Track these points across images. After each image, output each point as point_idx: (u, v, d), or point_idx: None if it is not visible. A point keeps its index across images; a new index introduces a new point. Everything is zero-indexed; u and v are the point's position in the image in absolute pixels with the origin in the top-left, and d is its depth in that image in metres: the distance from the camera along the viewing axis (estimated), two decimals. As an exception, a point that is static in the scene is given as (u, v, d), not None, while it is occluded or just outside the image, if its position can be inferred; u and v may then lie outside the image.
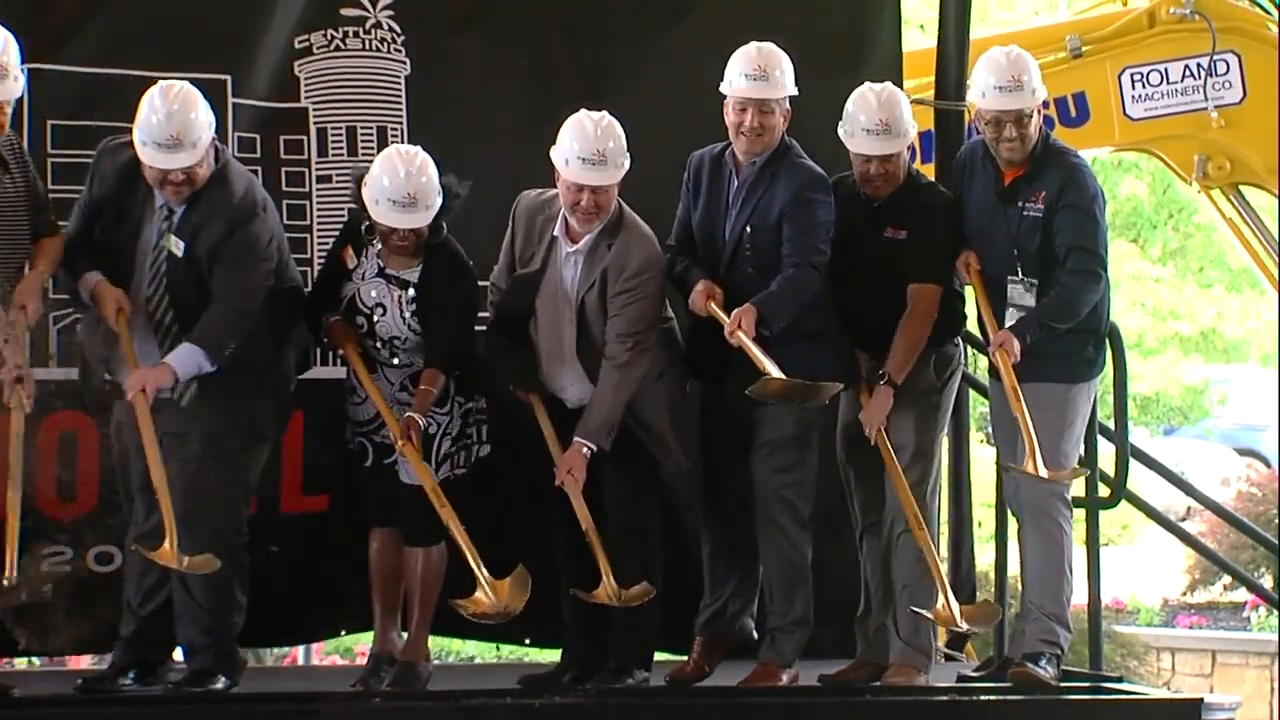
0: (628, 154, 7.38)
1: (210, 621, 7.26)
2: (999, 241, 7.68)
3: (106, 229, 7.22)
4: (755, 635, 7.74)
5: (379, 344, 7.40)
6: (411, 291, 7.36)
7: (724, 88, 7.58)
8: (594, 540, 7.29)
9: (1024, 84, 7.60)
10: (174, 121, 7.04)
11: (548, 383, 7.53)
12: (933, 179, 8.19)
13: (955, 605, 7.55)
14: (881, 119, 7.64)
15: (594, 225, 7.40)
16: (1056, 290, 7.60)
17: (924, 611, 7.59)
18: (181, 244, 7.16)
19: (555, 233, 7.45)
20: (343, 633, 8.48)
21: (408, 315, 7.36)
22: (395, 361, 7.41)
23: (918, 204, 7.76)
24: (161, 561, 7.02)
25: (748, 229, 7.53)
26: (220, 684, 7.28)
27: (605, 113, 7.42)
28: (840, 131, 7.72)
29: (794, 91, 7.59)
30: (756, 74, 7.52)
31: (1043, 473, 7.46)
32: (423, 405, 7.29)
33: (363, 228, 7.41)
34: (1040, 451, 7.45)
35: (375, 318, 7.38)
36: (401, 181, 7.24)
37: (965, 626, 7.67)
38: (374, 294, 7.39)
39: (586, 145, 7.32)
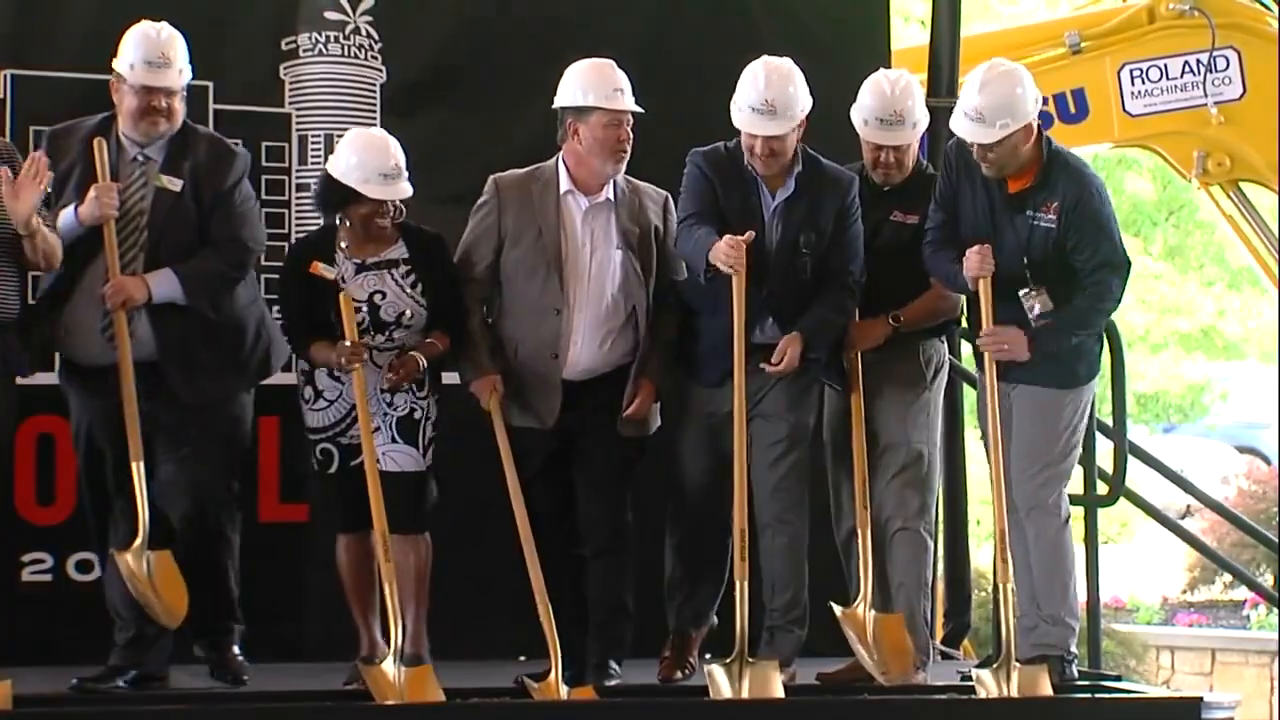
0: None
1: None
2: (1006, 250, 7.53)
3: (70, 198, 7.19)
4: (716, 621, 7.72)
5: (375, 333, 7.34)
6: (405, 266, 7.36)
7: (733, 113, 7.44)
8: (547, 624, 7.24)
9: (985, 117, 7.37)
10: (164, 42, 7.23)
11: (538, 361, 7.44)
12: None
13: (871, 616, 7.49)
14: (895, 110, 7.61)
15: (623, 166, 7.44)
16: (1075, 305, 7.51)
17: (837, 607, 7.53)
18: (179, 182, 7.23)
19: (564, 189, 7.44)
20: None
21: (408, 289, 7.35)
22: (387, 345, 7.35)
23: (930, 192, 7.70)
24: (127, 566, 7.04)
25: (802, 238, 7.45)
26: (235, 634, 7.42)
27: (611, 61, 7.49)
28: (853, 115, 7.68)
29: (807, 108, 7.45)
30: (765, 109, 7.37)
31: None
32: (430, 351, 7.31)
33: (339, 221, 7.35)
34: (1030, 457, 7.46)
35: (377, 301, 7.34)
36: (389, 154, 7.30)
37: (868, 650, 7.47)
38: (366, 287, 7.36)
39: (611, 79, 7.40)
